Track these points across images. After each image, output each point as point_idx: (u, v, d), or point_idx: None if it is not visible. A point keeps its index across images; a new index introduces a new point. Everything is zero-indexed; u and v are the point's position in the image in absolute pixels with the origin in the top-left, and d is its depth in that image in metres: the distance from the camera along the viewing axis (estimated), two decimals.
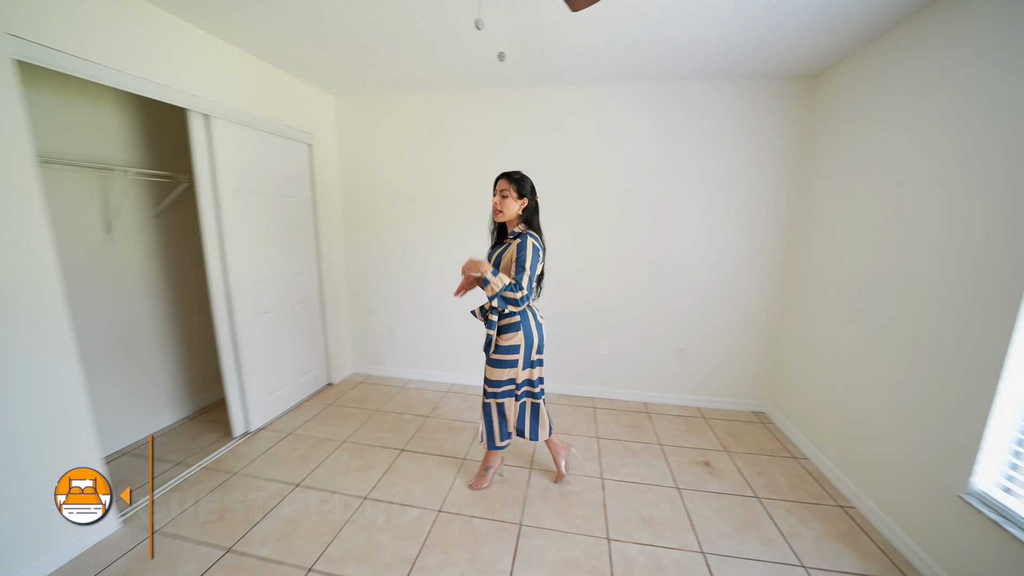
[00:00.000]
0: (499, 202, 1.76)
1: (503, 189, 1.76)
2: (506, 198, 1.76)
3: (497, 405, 1.92)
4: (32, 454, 1.48)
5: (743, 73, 2.46)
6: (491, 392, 1.90)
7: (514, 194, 1.76)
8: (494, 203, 1.78)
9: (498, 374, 1.86)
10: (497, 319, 1.82)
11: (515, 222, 1.84)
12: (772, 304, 2.74)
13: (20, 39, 1.40)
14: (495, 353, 1.84)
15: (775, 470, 2.23)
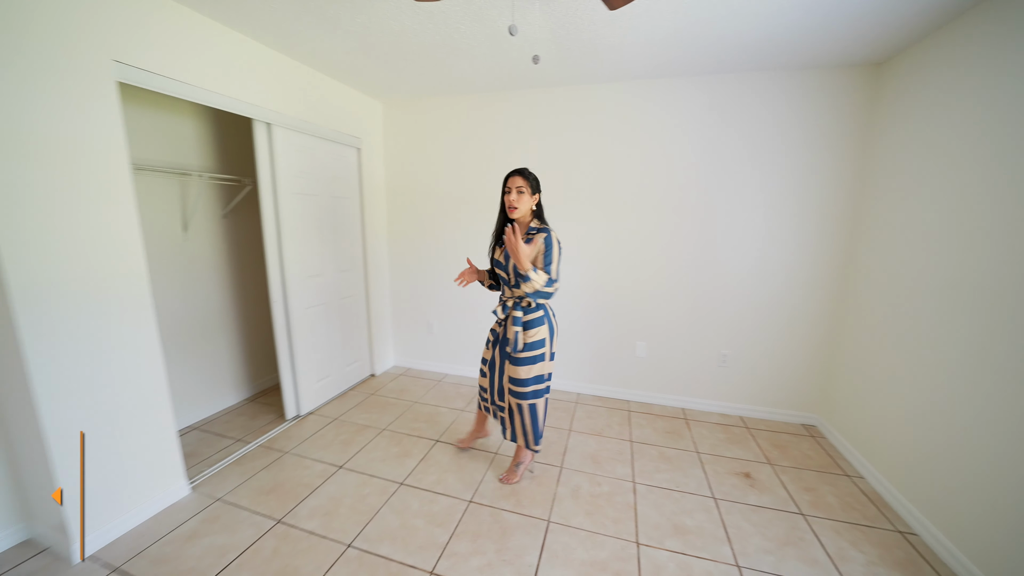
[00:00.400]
0: (516, 199, 1.78)
1: (519, 186, 1.78)
2: (522, 194, 1.78)
3: (530, 407, 1.92)
4: (130, 422, 1.70)
5: (798, 63, 2.32)
6: (522, 392, 1.89)
7: (528, 190, 1.79)
8: (510, 200, 1.79)
9: (527, 371, 1.87)
10: (522, 315, 1.84)
11: (527, 217, 1.86)
12: (826, 308, 2.56)
13: (121, 64, 1.62)
14: (525, 351, 1.85)
15: (824, 487, 2.09)
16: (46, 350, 1.46)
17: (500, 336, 1.95)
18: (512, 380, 1.90)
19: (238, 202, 2.78)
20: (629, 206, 2.80)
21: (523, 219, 1.86)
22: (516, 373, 1.88)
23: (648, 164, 2.73)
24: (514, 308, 1.85)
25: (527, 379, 1.87)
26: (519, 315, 1.83)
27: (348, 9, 1.83)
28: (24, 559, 1.58)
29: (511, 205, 1.79)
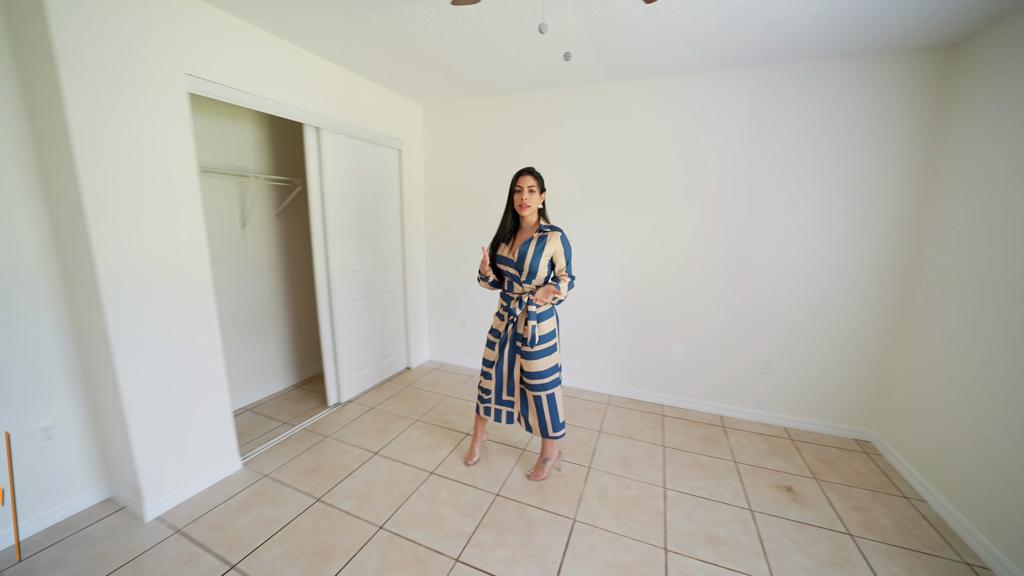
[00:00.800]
0: (528, 197, 1.83)
1: (530, 186, 1.83)
2: (532, 193, 1.83)
3: (548, 397, 1.95)
4: (193, 399, 1.88)
5: (856, 49, 2.15)
6: (541, 384, 1.93)
7: (537, 189, 1.84)
8: (521, 199, 1.84)
9: (543, 363, 1.90)
10: (536, 309, 1.87)
11: (535, 214, 1.90)
12: (884, 314, 2.36)
13: (192, 76, 1.79)
14: (540, 343, 1.89)
15: (878, 508, 1.93)
16: (125, 331, 1.65)
17: (506, 335, 1.95)
18: (530, 375, 1.92)
19: (289, 202, 2.98)
20: (664, 204, 2.73)
21: (530, 216, 1.90)
22: (534, 367, 1.90)
23: (685, 161, 2.64)
24: (529, 303, 1.87)
25: (544, 370, 1.91)
26: (534, 310, 1.87)
27: (390, 17, 1.92)
28: (106, 515, 1.79)
29: (524, 204, 1.84)
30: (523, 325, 1.89)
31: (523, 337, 1.90)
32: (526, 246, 1.87)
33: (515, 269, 1.88)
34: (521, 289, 1.92)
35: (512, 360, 1.96)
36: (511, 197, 1.89)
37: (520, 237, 1.91)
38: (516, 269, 1.88)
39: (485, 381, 2.06)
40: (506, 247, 1.92)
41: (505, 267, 1.92)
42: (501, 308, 1.99)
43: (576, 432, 2.54)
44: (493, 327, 2.03)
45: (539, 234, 1.87)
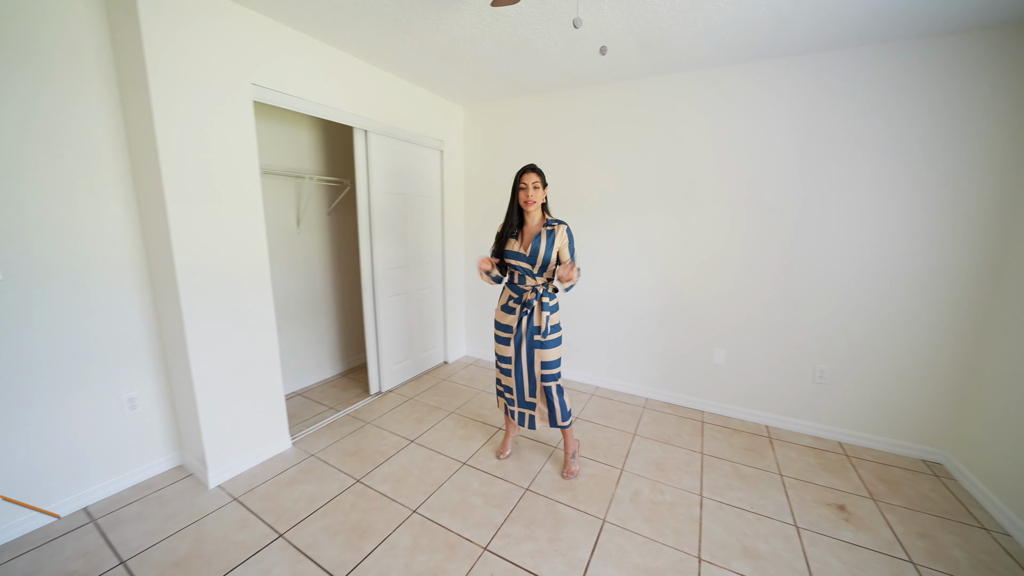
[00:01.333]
0: (533, 193, 1.87)
1: (534, 182, 1.87)
2: (537, 189, 1.87)
3: (558, 387, 2.00)
4: (251, 380, 2.07)
5: (922, 30, 1.96)
6: (552, 374, 1.98)
7: (541, 185, 1.89)
8: (526, 195, 1.87)
9: (555, 353, 1.97)
10: (549, 300, 1.93)
11: (539, 209, 1.93)
12: (960, 322, 2.12)
13: (257, 86, 1.97)
14: (551, 334, 1.94)
15: (947, 537, 1.74)
16: (195, 315, 1.84)
17: (520, 331, 1.96)
18: (545, 364, 1.97)
19: (339, 201, 3.17)
20: (704, 201, 2.62)
21: (535, 212, 1.93)
22: (549, 356, 1.96)
23: (728, 156, 2.51)
24: (544, 296, 1.92)
25: (556, 360, 1.98)
26: (548, 301, 1.92)
27: (434, 23, 2.00)
28: (176, 480, 2.01)
29: (530, 200, 1.88)
30: (539, 317, 1.92)
31: (538, 328, 1.93)
32: (537, 241, 1.89)
33: (528, 263, 1.91)
34: (534, 282, 1.95)
35: (531, 354, 1.98)
36: (515, 194, 1.92)
37: (529, 232, 1.94)
38: (529, 263, 1.91)
39: (505, 378, 2.09)
40: (516, 243, 1.94)
41: (516, 262, 1.94)
42: (512, 302, 2.00)
43: (609, 434, 2.50)
44: (503, 323, 2.03)
45: (547, 228, 1.91)
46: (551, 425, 2.05)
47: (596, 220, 3.00)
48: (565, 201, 3.08)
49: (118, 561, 1.55)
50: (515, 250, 1.94)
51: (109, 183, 1.79)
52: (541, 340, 1.93)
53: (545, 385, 2.00)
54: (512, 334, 1.98)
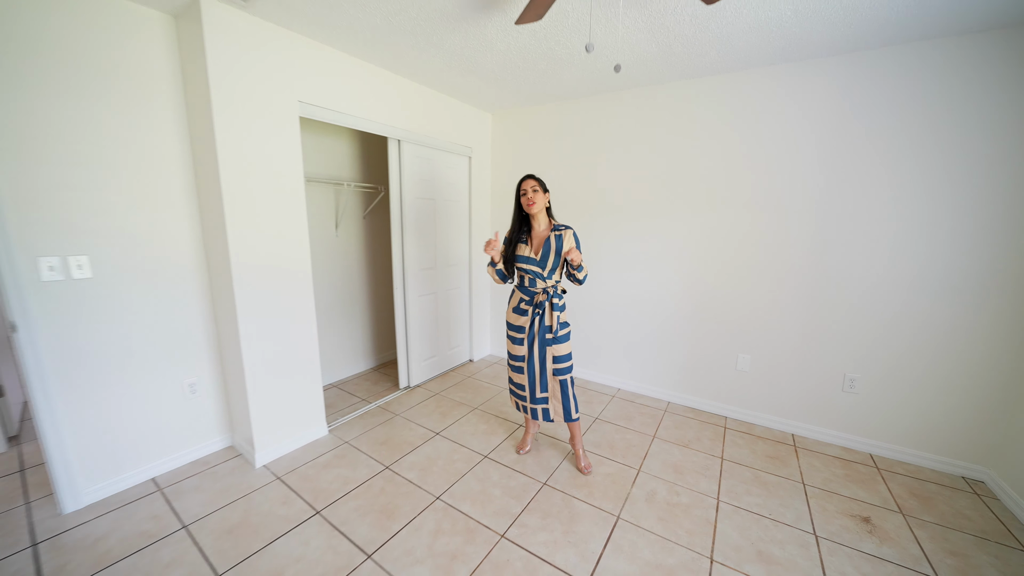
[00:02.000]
0: (532, 197, 1.97)
1: (533, 187, 1.97)
2: (536, 192, 1.97)
3: (570, 380, 2.09)
4: (293, 371, 2.27)
5: (946, 29, 1.88)
6: (564, 368, 2.07)
7: (541, 190, 1.97)
8: (527, 200, 1.97)
9: (566, 348, 2.06)
10: (559, 301, 2.02)
11: (544, 213, 2.02)
12: (1005, 331, 2.01)
13: (302, 103, 2.16)
14: (560, 330, 2.02)
15: (982, 557, 1.67)
16: (247, 311, 2.05)
17: (532, 329, 2.04)
18: (557, 359, 2.05)
19: (374, 206, 3.37)
20: (730, 204, 2.60)
21: (540, 216, 2.02)
22: (561, 351, 2.05)
23: (755, 160, 2.49)
24: (555, 296, 2.01)
25: (567, 355, 2.08)
26: (557, 302, 2.01)
27: (461, 38, 2.12)
28: (228, 459, 2.23)
29: (531, 202, 1.97)
30: (551, 317, 1.99)
31: (550, 327, 2.01)
32: (547, 245, 1.98)
33: (538, 267, 2.00)
34: (544, 284, 2.02)
35: (543, 353, 2.05)
36: (518, 200, 2.01)
37: (538, 238, 2.02)
38: (539, 267, 1.99)
39: (518, 376, 2.16)
40: (526, 248, 2.03)
41: (527, 266, 2.02)
42: (523, 304, 2.08)
43: (628, 435, 2.54)
44: (515, 324, 2.11)
45: (555, 233, 1.99)
46: (566, 419, 2.12)
47: (620, 223, 3.03)
48: (585, 204, 3.14)
49: (181, 525, 1.76)
50: (526, 255, 2.03)
51: (178, 196, 2.02)
52: (552, 337, 2.02)
53: (560, 379, 2.08)
54: (525, 334, 2.07)
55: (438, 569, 1.56)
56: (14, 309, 1.63)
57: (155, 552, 1.62)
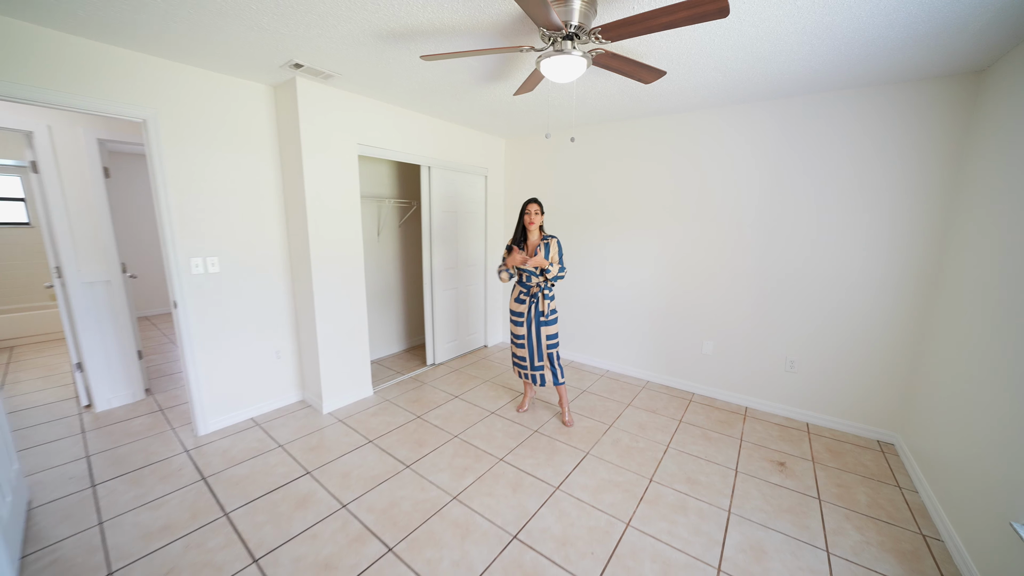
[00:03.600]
0: (534, 218, 2.61)
1: (536, 210, 2.62)
2: (537, 214, 2.62)
3: (557, 353, 2.74)
4: (350, 343, 3.02)
5: (877, 79, 2.42)
6: (554, 343, 2.73)
7: (540, 212, 2.62)
8: (529, 219, 2.61)
9: (555, 328, 2.73)
10: (550, 292, 2.68)
11: (538, 228, 2.65)
12: (908, 320, 2.52)
13: (360, 144, 2.91)
14: (550, 315, 2.68)
15: (862, 488, 2.21)
16: (320, 292, 2.81)
17: (529, 314, 2.70)
18: (549, 336, 2.71)
19: (408, 217, 4.12)
20: (697, 218, 3.17)
21: (535, 229, 2.67)
22: (551, 331, 2.71)
23: (714, 183, 3.05)
24: (546, 288, 2.67)
25: (555, 333, 2.73)
26: (547, 293, 2.67)
27: (479, 92, 2.80)
28: (301, 408, 3.01)
29: (532, 221, 2.62)
30: (543, 304, 2.65)
31: (542, 312, 2.66)
32: (537, 252, 2.63)
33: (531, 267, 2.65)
34: (537, 279, 2.67)
35: (538, 331, 2.70)
36: (521, 217, 2.66)
37: (531, 245, 2.69)
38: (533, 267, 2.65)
39: (520, 350, 2.81)
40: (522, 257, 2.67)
41: (524, 267, 2.67)
42: (522, 295, 2.74)
43: (607, 404, 3.16)
44: (516, 311, 2.76)
45: (544, 241, 2.64)
46: (555, 384, 2.77)
47: (611, 231, 3.65)
48: (578, 215, 3.77)
49: (277, 444, 2.53)
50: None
51: (272, 213, 2.81)
52: (544, 320, 2.68)
53: (549, 352, 2.73)
54: (524, 318, 2.73)
55: (455, 475, 2.25)
56: (176, 292, 2.44)
57: (264, 458, 2.39)
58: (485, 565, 1.68)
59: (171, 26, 1.87)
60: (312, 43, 2.02)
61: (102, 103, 2.09)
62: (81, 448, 2.48)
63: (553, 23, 1.49)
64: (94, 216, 2.83)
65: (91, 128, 2.78)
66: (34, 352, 4.29)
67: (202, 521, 1.90)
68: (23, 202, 5.15)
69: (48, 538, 1.79)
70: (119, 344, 3.00)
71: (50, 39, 1.91)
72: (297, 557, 1.71)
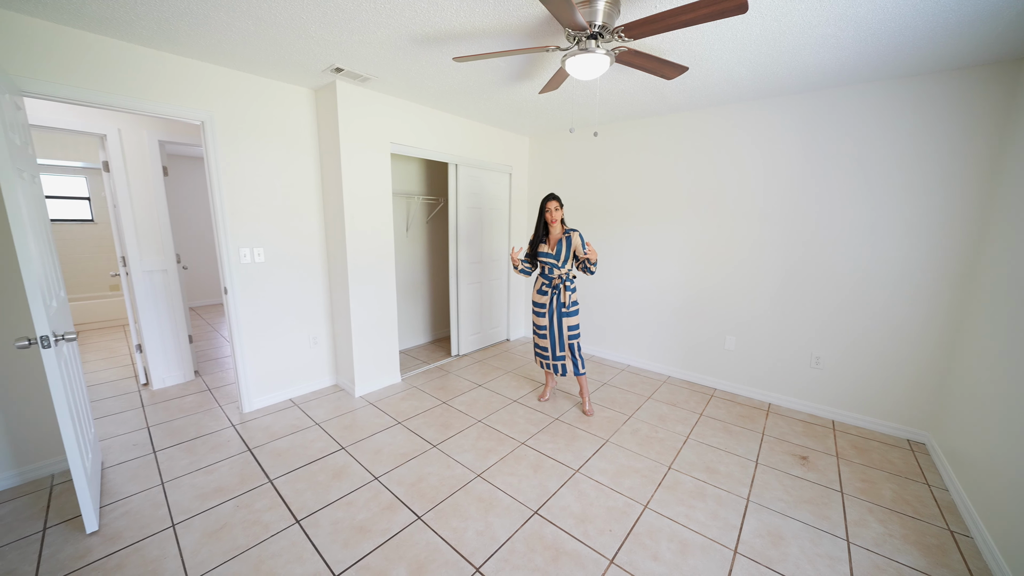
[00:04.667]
0: (555, 214, 2.69)
1: (556, 206, 2.68)
2: (558, 210, 2.69)
3: (578, 344, 2.81)
4: (381, 332, 3.19)
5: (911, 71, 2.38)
6: (575, 334, 2.79)
7: (560, 207, 2.69)
8: (551, 215, 2.68)
9: (576, 320, 2.80)
10: (572, 284, 2.75)
11: (559, 223, 2.72)
12: (942, 321, 2.46)
13: (393, 143, 3.08)
14: (571, 307, 2.76)
15: (888, 484, 2.19)
16: (356, 285, 2.99)
17: (551, 305, 2.77)
18: (570, 327, 2.78)
19: (435, 213, 4.28)
20: (720, 213, 3.18)
21: (556, 223, 2.73)
22: (572, 322, 2.78)
23: (739, 175, 3.05)
24: (567, 280, 2.74)
25: (576, 324, 2.80)
26: (569, 284, 2.73)
27: (506, 94, 2.92)
28: (335, 392, 3.19)
29: (553, 218, 2.70)
30: (565, 295, 2.72)
31: (564, 303, 2.73)
32: (560, 244, 2.70)
33: (554, 259, 2.73)
34: (559, 272, 2.74)
35: (560, 322, 2.78)
36: (542, 214, 2.73)
37: (553, 239, 2.76)
38: (555, 259, 2.73)
39: (541, 340, 2.89)
40: (545, 246, 2.76)
41: (546, 259, 2.76)
42: (544, 287, 2.82)
43: (627, 396, 3.20)
44: (539, 302, 2.84)
45: (566, 235, 2.70)
46: (576, 374, 2.84)
47: (633, 227, 3.69)
48: (598, 209, 3.82)
49: (314, 423, 2.71)
50: (545, 251, 2.77)
51: (311, 207, 3.01)
52: (566, 311, 2.75)
53: (571, 343, 2.81)
54: (546, 309, 2.81)
55: (479, 456, 2.36)
56: (227, 279, 2.66)
57: (303, 434, 2.58)
58: (508, 535, 1.78)
59: (230, 36, 2.06)
60: (353, 48, 2.19)
61: (167, 107, 2.32)
62: (141, 420, 2.74)
63: (578, 23, 1.58)
64: (155, 211, 3.11)
65: (154, 131, 3.06)
66: (98, 336, 4.70)
67: (249, 486, 2.09)
68: (88, 201, 5.63)
69: (120, 493, 2.01)
70: (173, 328, 3.28)
71: (127, 51, 2.15)
72: (335, 520, 1.86)
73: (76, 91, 2.03)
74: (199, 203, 6.14)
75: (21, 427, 2.07)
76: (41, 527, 1.79)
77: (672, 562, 1.66)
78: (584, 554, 1.69)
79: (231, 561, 1.63)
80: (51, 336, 1.56)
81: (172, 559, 1.63)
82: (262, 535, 1.77)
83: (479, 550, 1.70)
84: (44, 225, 1.87)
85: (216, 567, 1.60)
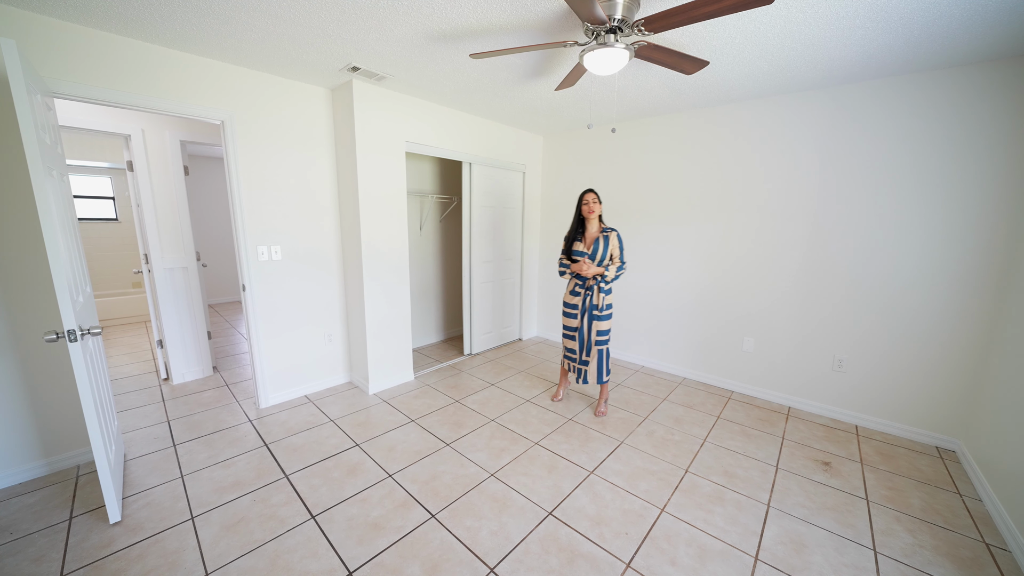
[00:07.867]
0: (593, 207, 2.62)
1: (594, 199, 2.62)
2: (595, 203, 2.62)
3: (607, 350, 2.74)
4: (395, 332, 3.21)
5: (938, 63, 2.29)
6: (604, 339, 2.72)
7: (598, 201, 2.62)
8: (588, 208, 2.61)
9: (608, 324, 2.71)
10: (606, 286, 2.66)
11: (596, 219, 2.65)
12: (974, 324, 2.36)
13: (407, 141, 3.09)
14: (604, 310, 2.67)
15: (916, 492, 2.10)
16: (370, 283, 3.01)
17: (583, 307, 2.71)
18: (600, 332, 2.70)
19: (448, 212, 4.29)
20: (739, 209, 3.10)
21: (593, 220, 2.66)
22: (603, 326, 2.70)
23: (759, 172, 2.98)
24: (601, 282, 2.65)
25: (608, 329, 2.71)
26: (603, 286, 2.65)
27: (521, 91, 2.90)
28: (349, 389, 3.22)
29: (591, 211, 2.62)
30: (598, 297, 2.66)
31: (596, 306, 2.67)
32: (597, 243, 2.64)
33: (589, 259, 2.67)
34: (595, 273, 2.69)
35: (590, 325, 2.72)
36: (579, 208, 2.67)
37: (590, 237, 2.68)
38: (590, 259, 2.66)
39: (570, 342, 2.84)
40: (580, 244, 2.70)
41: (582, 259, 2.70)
42: (577, 287, 2.75)
43: (642, 397, 3.15)
44: (570, 303, 2.78)
45: (604, 234, 2.64)
46: (598, 382, 2.80)
47: (647, 225, 3.64)
48: (625, 206, 3.77)
49: (329, 419, 2.73)
50: (580, 249, 2.71)
51: (326, 206, 3.04)
52: (598, 313, 2.68)
53: (599, 348, 2.74)
54: (578, 310, 2.75)
55: (492, 455, 2.35)
56: (245, 276, 2.70)
57: (318, 429, 2.60)
58: (522, 536, 1.76)
59: (250, 35, 2.09)
60: (370, 46, 2.20)
61: (189, 107, 2.36)
62: (162, 414, 2.80)
63: (597, 17, 1.56)
64: (176, 209, 3.18)
65: (175, 131, 3.13)
66: (120, 332, 4.84)
67: (266, 480, 2.11)
68: (112, 200, 5.80)
69: (141, 485, 2.05)
70: (192, 324, 3.34)
71: (151, 53, 2.20)
72: (349, 516, 1.87)
73: (103, 92, 2.08)
74: (219, 202, 6.27)
75: (49, 418, 2.14)
76: (67, 516, 1.84)
77: (691, 567, 1.62)
78: (600, 557, 1.66)
79: (248, 555, 1.65)
80: (77, 330, 1.60)
81: (191, 551, 1.66)
82: (278, 529, 1.78)
83: (493, 550, 1.69)
84: (72, 223, 1.92)
85: (233, 560, 1.62)
